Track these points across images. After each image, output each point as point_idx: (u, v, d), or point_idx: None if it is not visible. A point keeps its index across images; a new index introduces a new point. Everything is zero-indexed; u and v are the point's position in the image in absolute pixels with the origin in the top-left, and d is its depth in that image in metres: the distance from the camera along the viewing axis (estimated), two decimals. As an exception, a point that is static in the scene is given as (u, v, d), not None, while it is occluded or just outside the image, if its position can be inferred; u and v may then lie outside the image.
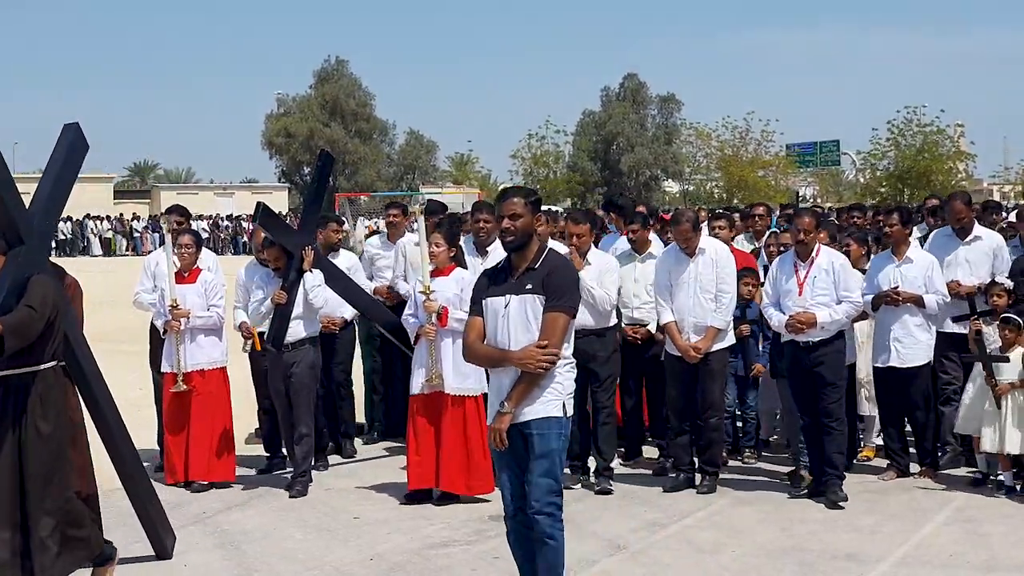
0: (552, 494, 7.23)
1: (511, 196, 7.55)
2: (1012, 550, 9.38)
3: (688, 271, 11.18)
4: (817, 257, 10.94)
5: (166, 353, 11.81)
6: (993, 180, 78.32)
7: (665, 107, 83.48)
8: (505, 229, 7.44)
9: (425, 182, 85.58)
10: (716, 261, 11.19)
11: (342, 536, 9.98)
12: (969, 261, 12.01)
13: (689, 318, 11.13)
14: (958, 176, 59.36)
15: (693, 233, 11.16)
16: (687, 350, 11.07)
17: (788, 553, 9.37)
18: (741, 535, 9.86)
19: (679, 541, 9.75)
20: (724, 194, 65.05)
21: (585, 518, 10.31)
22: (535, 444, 7.23)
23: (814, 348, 10.88)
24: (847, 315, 10.99)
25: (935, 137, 57.55)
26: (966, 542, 9.61)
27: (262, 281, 11.66)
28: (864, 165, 63.15)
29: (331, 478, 12.01)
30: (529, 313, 7.30)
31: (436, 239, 11.00)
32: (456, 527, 10.05)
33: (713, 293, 11.12)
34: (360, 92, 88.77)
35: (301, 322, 11.41)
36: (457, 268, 11.09)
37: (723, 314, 11.15)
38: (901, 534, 9.84)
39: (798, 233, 10.96)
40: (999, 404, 10.81)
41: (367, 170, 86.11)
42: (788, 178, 70.60)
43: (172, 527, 9.38)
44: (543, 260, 7.44)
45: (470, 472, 10.81)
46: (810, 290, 10.87)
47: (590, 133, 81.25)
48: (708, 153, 71.10)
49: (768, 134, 68.21)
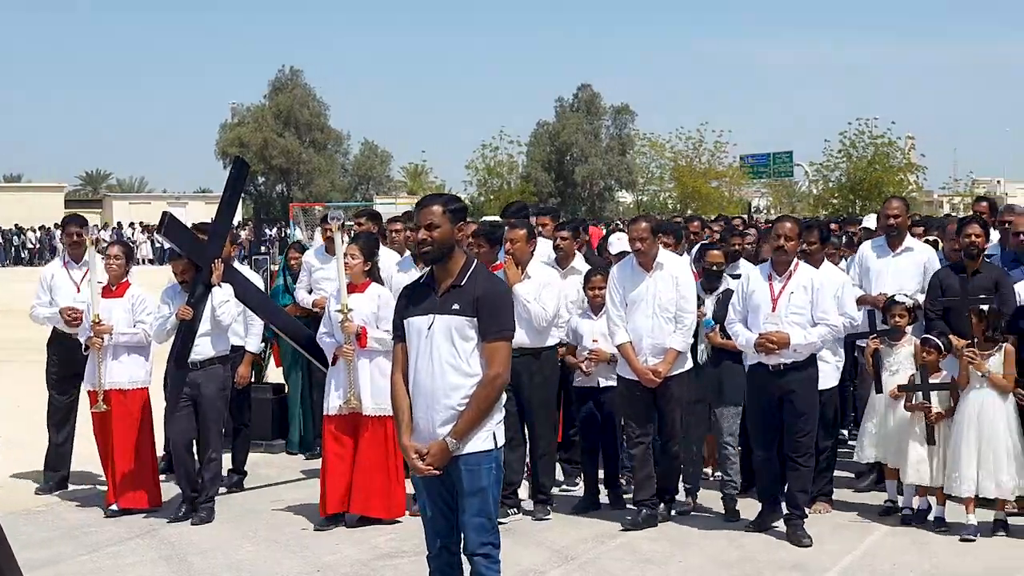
0: (487, 533, 6.77)
1: (428, 204, 6.87)
2: (955, 559, 9.47)
3: (645, 288, 10.30)
4: (796, 272, 10.00)
5: (88, 370, 11.24)
6: (943, 192, 78.84)
7: (619, 118, 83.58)
8: (421, 240, 6.82)
9: (379, 192, 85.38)
10: (676, 278, 10.31)
11: (290, 548, 9.95)
12: (899, 272, 11.57)
13: (647, 339, 10.24)
14: (909, 188, 59.69)
15: (651, 238, 10.30)
16: (645, 373, 10.19)
17: (735, 564, 9.41)
18: (689, 546, 9.88)
19: (627, 552, 9.76)
20: (678, 204, 65.20)
21: (533, 528, 10.33)
22: (465, 480, 6.72)
23: (784, 372, 9.96)
24: (822, 339, 10.00)
25: (886, 149, 57.82)
26: (911, 552, 9.68)
27: (168, 296, 10.97)
28: (817, 176, 63.33)
29: (279, 491, 11.96)
30: (455, 336, 6.70)
31: (351, 250, 10.63)
32: (405, 538, 10.02)
33: (673, 312, 10.24)
34: (314, 102, 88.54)
35: (209, 339, 10.81)
36: (373, 284, 10.72)
37: (684, 335, 10.29)
38: (846, 544, 9.90)
39: (778, 239, 10.01)
40: (932, 436, 10.21)
41: (321, 180, 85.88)
42: (741, 189, 70.85)
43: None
44: (470, 276, 6.81)
45: (388, 493, 10.55)
46: (785, 307, 9.91)
47: (544, 143, 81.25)
48: (662, 164, 71.19)
49: (721, 145, 68.39)
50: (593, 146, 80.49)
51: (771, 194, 79.40)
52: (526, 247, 10.62)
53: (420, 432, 6.79)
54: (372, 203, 70.06)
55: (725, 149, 68.47)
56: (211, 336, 10.83)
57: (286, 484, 12.25)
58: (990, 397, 9.99)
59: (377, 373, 10.42)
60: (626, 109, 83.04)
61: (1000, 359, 10.04)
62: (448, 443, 6.64)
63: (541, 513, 10.68)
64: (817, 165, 62.00)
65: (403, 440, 6.80)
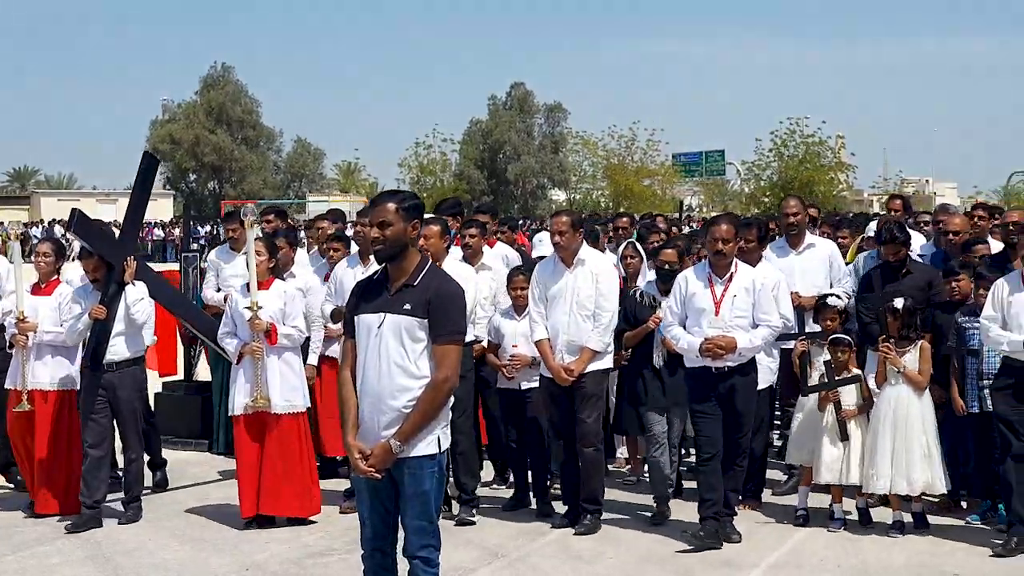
0: (427, 536, 6.73)
1: (381, 202, 6.80)
2: (881, 554, 9.56)
3: (564, 283, 10.13)
4: (737, 273, 9.87)
5: (11, 369, 10.97)
6: (873, 191, 79.60)
7: (552, 116, 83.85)
8: (374, 239, 6.72)
9: (312, 190, 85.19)
10: (596, 275, 10.11)
11: (219, 546, 9.89)
12: (805, 271, 11.53)
13: (562, 336, 10.08)
14: (839, 186, 60.27)
15: (571, 232, 10.12)
16: (558, 371, 10.03)
17: (666, 560, 9.45)
18: (620, 544, 9.90)
19: (558, 549, 9.77)
20: (610, 203, 65.46)
21: (462, 527, 10.28)
22: (407, 484, 6.67)
23: (728, 376, 9.84)
24: (764, 340, 9.96)
25: (817, 148, 58.37)
26: (838, 547, 9.75)
27: (79, 295, 10.70)
28: (748, 175, 63.83)
29: (207, 490, 11.88)
30: (405, 336, 6.61)
31: (257, 247, 10.47)
32: (335, 536, 9.99)
33: (591, 310, 10.04)
34: (246, 99, 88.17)
35: (123, 339, 10.55)
36: (277, 280, 10.64)
37: (602, 334, 10.07)
38: (775, 540, 9.96)
39: (715, 243, 9.80)
40: (844, 432, 10.18)
41: (253, 178, 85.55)
42: (674, 187, 71.23)
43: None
44: (423, 276, 6.72)
45: (303, 492, 10.42)
46: (729, 310, 9.76)
47: (477, 141, 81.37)
48: (594, 162, 71.61)
49: (654, 143, 68.89)
50: (526, 144, 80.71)
51: (703, 192, 79.96)
52: (440, 243, 10.31)
53: (365, 432, 6.70)
54: (305, 201, 69.96)
55: (657, 148, 69.04)
56: (126, 336, 10.58)
57: (214, 483, 12.16)
58: (906, 394, 10.04)
59: (286, 369, 10.39)
60: (559, 107, 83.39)
61: (916, 356, 10.11)
62: (392, 445, 6.56)
63: (465, 515, 10.49)
64: (749, 164, 62.55)
65: (348, 439, 6.73)
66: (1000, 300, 9.66)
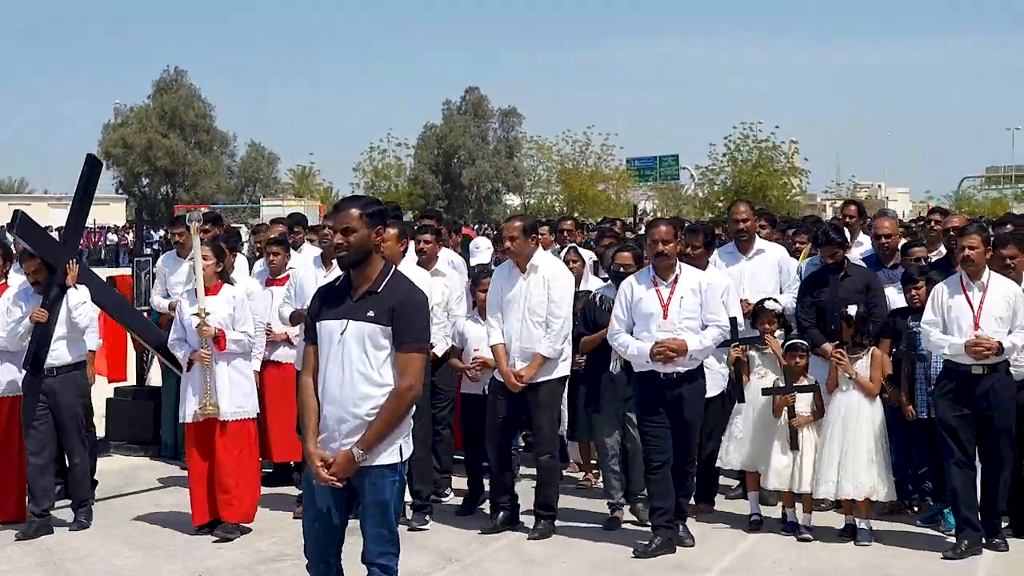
0: (386, 544, 6.69)
1: (345, 207, 6.71)
2: (832, 556, 9.62)
3: (518, 289, 10.13)
4: (681, 275, 9.78)
5: None
6: (826, 195, 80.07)
7: (506, 121, 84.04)
8: (337, 244, 6.63)
9: (266, 195, 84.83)
10: (548, 281, 10.11)
11: (170, 553, 9.84)
12: (755, 276, 11.42)
13: (516, 342, 10.09)
14: (792, 191, 60.57)
15: (522, 237, 10.10)
16: (508, 377, 10.03)
17: (619, 565, 9.47)
18: (573, 548, 9.90)
19: (511, 553, 9.79)
20: (564, 207, 65.51)
21: (414, 532, 10.24)
22: (368, 493, 6.63)
23: (677, 382, 9.73)
24: (714, 341, 9.80)
25: (770, 153, 58.67)
26: (790, 549, 9.81)
27: (21, 298, 10.47)
28: (702, 180, 64.07)
29: (158, 495, 11.79)
30: (368, 343, 6.55)
31: (205, 252, 10.36)
32: (288, 541, 9.93)
33: (543, 316, 10.05)
34: (200, 103, 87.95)
35: (65, 343, 10.40)
36: (225, 285, 10.50)
37: (553, 340, 10.03)
38: (727, 544, 9.99)
39: (655, 245, 9.73)
40: (795, 441, 10.15)
41: (207, 182, 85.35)
42: (628, 192, 71.37)
43: None
44: (387, 283, 6.65)
45: (246, 499, 10.33)
46: (677, 313, 9.66)
47: (432, 146, 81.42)
48: (549, 167, 71.69)
49: (608, 148, 69.06)
50: (480, 149, 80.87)
51: (657, 197, 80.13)
52: (397, 248, 10.24)
53: (326, 439, 6.64)
54: (259, 205, 69.63)
55: (612, 152, 69.16)
56: (67, 340, 10.44)
57: (165, 489, 12.07)
58: (857, 400, 10.04)
59: (236, 376, 10.32)
60: (513, 112, 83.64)
61: (867, 362, 10.12)
62: (355, 454, 6.51)
63: (418, 522, 10.45)
64: (703, 169, 62.77)
65: (308, 446, 6.66)
66: (940, 304, 9.71)
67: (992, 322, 9.51)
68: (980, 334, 9.45)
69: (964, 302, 9.61)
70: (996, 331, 9.48)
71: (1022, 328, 9.55)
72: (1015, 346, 9.50)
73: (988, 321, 9.51)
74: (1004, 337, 9.46)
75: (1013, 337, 9.49)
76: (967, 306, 9.58)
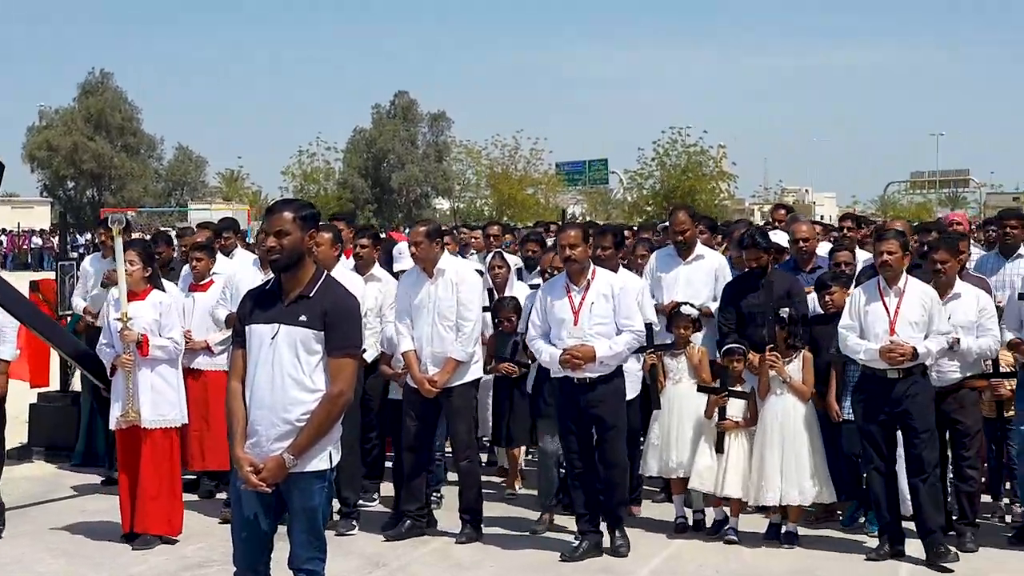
0: (313, 550, 6.66)
1: (278, 210, 6.67)
2: (760, 560, 9.69)
3: (427, 294, 10.11)
4: (594, 280, 9.67)
5: None
6: (754, 200, 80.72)
7: (435, 125, 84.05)
8: (270, 248, 6.57)
9: (194, 198, 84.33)
10: (456, 284, 10.07)
11: (95, 560, 9.72)
12: (690, 281, 11.35)
13: (427, 347, 10.05)
14: (721, 196, 60.94)
15: (427, 242, 10.07)
16: (422, 383, 9.97)
17: (546, 568, 9.49)
18: (501, 552, 9.90)
19: (439, 557, 9.78)
20: (494, 211, 65.54)
21: (342, 537, 10.20)
22: (296, 499, 6.59)
23: (591, 386, 9.65)
24: (628, 347, 9.70)
25: (699, 158, 58.94)
26: (716, 552, 9.85)
27: None
28: (631, 184, 64.29)
29: (82, 502, 11.63)
30: (300, 347, 6.51)
31: (130, 256, 10.11)
32: (214, 547, 9.85)
33: (453, 320, 10.02)
34: (126, 106, 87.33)
35: None
36: (154, 291, 10.24)
37: (464, 343, 10.02)
38: (653, 547, 10.02)
39: (563, 250, 9.66)
40: (720, 444, 10.16)
41: (134, 185, 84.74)
42: (557, 196, 71.50)
43: None
44: (319, 287, 6.62)
45: (172, 509, 10.15)
46: (587, 318, 9.57)
47: (361, 150, 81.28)
48: (478, 171, 71.65)
49: (537, 152, 69.12)
50: (410, 153, 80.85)
51: (586, 201, 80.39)
52: (331, 252, 10.26)
53: (255, 445, 6.58)
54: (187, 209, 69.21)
55: (541, 156, 69.24)
56: None
57: (90, 496, 11.91)
58: (791, 404, 10.08)
59: (159, 383, 10.12)
60: (443, 116, 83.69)
61: (799, 365, 10.18)
62: (286, 459, 6.47)
63: (345, 528, 10.40)
64: (632, 173, 62.97)
65: (236, 451, 6.61)
66: (857, 309, 9.75)
67: (907, 327, 9.52)
68: (895, 339, 9.48)
69: (881, 307, 9.64)
70: (912, 336, 9.49)
71: (938, 334, 9.58)
72: (930, 351, 9.52)
73: (903, 326, 9.52)
74: (919, 342, 9.48)
75: (928, 342, 9.51)
76: (883, 311, 9.61)
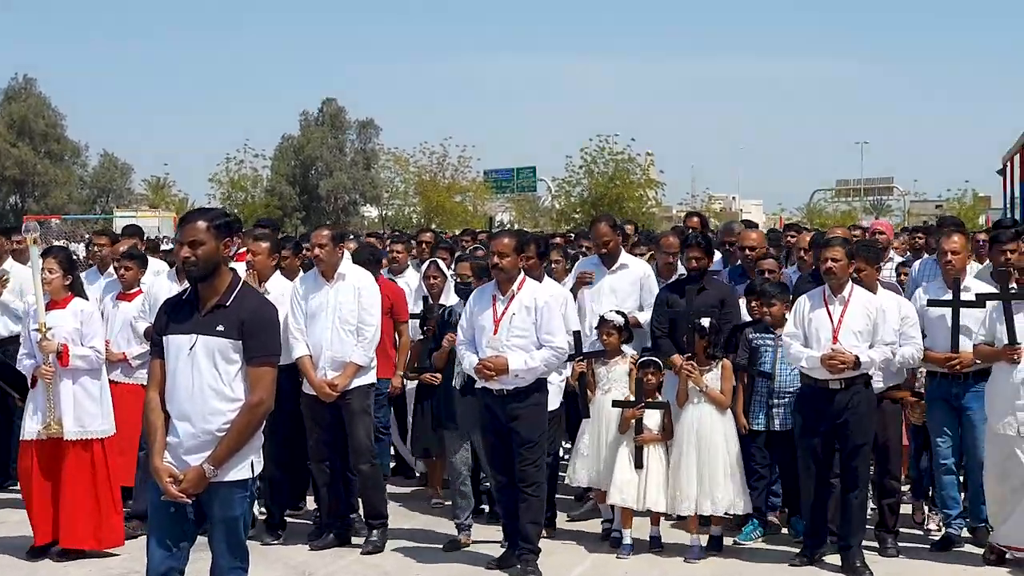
0: (236, 559, 6.61)
1: (192, 220, 6.61)
2: (683, 568, 9.72)
3: (325, 298, 10.06)
4: (519, 291, 9.50)
5: None
6: (681, 207, 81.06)
7: (364, 132, 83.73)
8: (185, 258, 6.50)
9: (120, 205, 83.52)
10: (359, 290, 10.08)
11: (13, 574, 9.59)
12: (615, 290, 11.27)
13: (326, 352, 9.98)
14: (648, 203, 61.11)
15: (331, 246, 10.04)
16: (322, 387, 9.92)
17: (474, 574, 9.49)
18: (427, 561, 9.88)
19: (365, 567, 9.75)
20: (422, 219, 65.41)
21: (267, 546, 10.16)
22: (217, 509, 6.53)
23: (509, 399, 9.48)
24: (546, 363, 9.43)
25: (626, 165, 59.04)
26: (641, 561, 9.87)
27: None
28: (559, 191, 64.31)
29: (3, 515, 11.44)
30: (218, 357, 6.47)
31: (50, 264, 9.92)
32: (138, 559, 9.66)
33: (354, 325, 10.00)
34: (50, 112, 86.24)
35: None
36: (75, 298, 10.07)
37: (366, 348, 10.03)
38: (576, 556, 10.03)
39: (492, 257, 9.57)
40: (639, 459, 10.04)
41: (58, 192, 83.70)
42: (485, 204, 71.46)
43: None
44: (236, 296, 6.57)
45: (100, 523, 9.87)
46: (506, 329, 9.41)
47: (289, 157, 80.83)
48: (406, 178, 71.44)
49: (465, 160, 68.97)
50: (338, 160, 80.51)
51: (515, 209, 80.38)
52: (268, 261, 10.31)
53: (175, 455, 6.53)
54: (112, 216, 68.54)
55: (469, 164, 69.15)
56: None
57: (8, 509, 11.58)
58: (708, 413, 10.03)
59: (81, 393, 9.93)
60: (371, 124, 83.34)
61: (718, 374, 10.14)
62: (206, 470, 6.42)
63: (270, 537, 10.37)
64: (560, 180, 62.96)
65: (155, 462, 6.54)
66: (802, 317, 9.73)
67: (851, 336, 9.48)
68: (837, 348, 9.44)
69: (825, 315, 9.60)
70: (855, 345, 9.45)
71: (882, 343, 9.56)
72: (872, 361, 9.47)
73: (847, 335, 9.48)
74: (862, 351, 9.44)
75: (872, 352, 9.47)
76: (827, 319, 9.58)
